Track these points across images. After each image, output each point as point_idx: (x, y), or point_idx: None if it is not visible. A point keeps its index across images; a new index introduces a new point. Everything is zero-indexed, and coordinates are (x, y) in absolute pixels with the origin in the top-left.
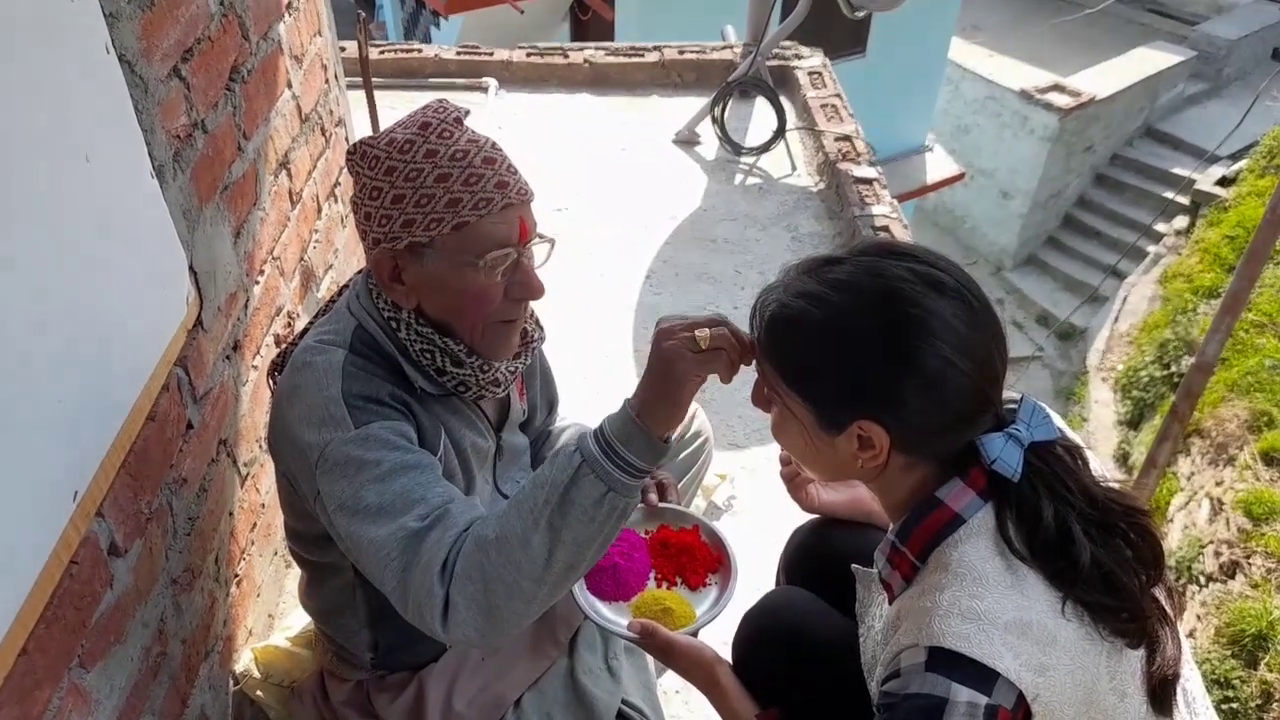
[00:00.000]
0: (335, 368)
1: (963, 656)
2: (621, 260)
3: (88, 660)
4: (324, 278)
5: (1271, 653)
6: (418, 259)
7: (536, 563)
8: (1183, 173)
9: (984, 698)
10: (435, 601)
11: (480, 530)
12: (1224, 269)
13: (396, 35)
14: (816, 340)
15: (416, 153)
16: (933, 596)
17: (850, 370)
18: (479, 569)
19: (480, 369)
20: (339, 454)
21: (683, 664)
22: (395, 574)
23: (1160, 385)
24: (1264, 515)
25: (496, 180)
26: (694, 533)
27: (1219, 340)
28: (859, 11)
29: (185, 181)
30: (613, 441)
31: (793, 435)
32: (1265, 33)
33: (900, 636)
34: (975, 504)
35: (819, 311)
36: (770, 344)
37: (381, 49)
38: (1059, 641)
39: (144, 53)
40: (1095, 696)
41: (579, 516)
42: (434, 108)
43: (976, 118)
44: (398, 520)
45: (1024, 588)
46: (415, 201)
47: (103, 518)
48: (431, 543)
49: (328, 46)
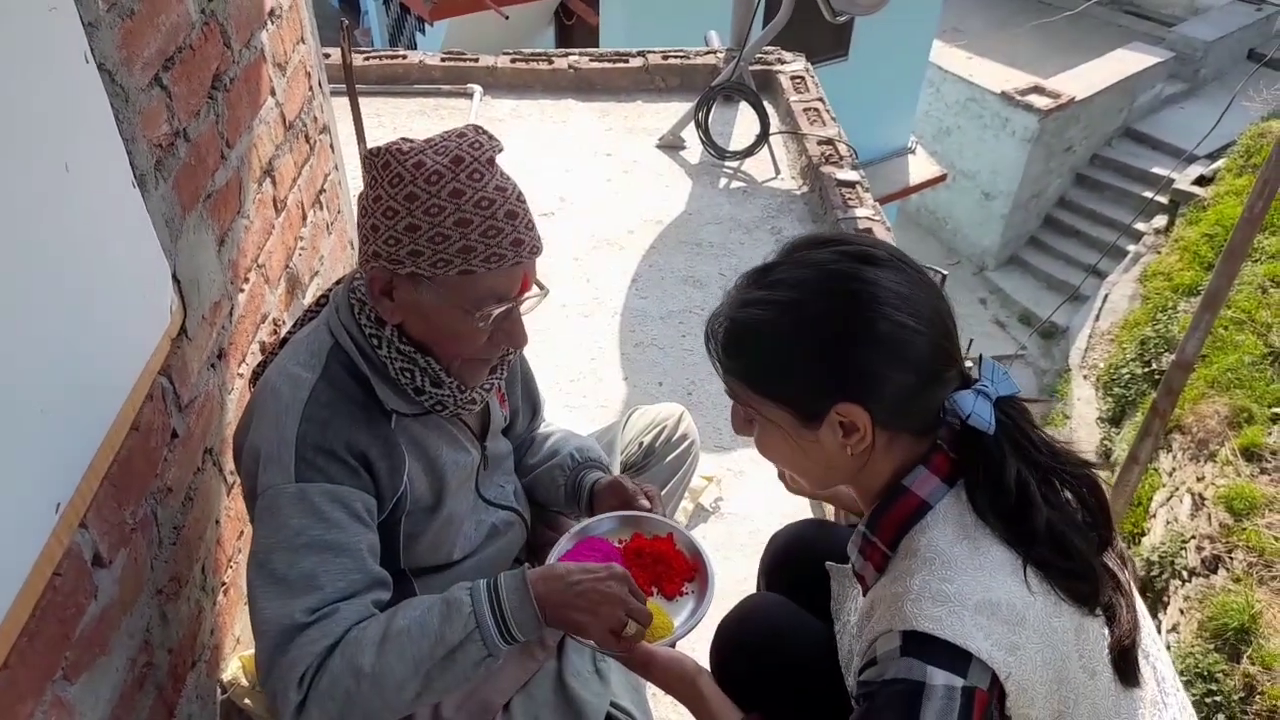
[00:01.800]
0: (298, 405)
1: (936, 639)
2: (607, 264)
3: (71, 673)
4: (310, 284)
5: (1253, 646)
6: (414, 286)
7: (403, 700)
8: (1162, 172)
9: (959, 679)
10: (289, 703)
11: (354, 655)
12: (1203, 267)
13: (381, 42)
14: (772, 340)
15: (443, 188)
16: (904, 582)
17: (813, 361)
18: (345, 694)
19: (458, 389)
20: (272, 502)
21: (664, 676)
22: (265, 652)
23: (1141, 382)
24: (1245, 510)
25: (514, 237)
26: (669, 541)
27: (1199, 337)
28: (841, 16)
29: (167, 190)
30: (509, 621)
31: (778, 444)
32: (1241, 33)
33: (874, 624)
34: (940, 490)
35: (767, 314)
36: (731, 360)
37: (366, 55)
38: (1028, 621)
39: (124, 61)
40: (1066, 674)
41: (456, 675)
42: (470, 141)
43: (958, 119)
44: (290, 604)
45: (991, 568)
46: (429, 237)
47: (86, 529)
48: (304, 642)
49: (311, 54)
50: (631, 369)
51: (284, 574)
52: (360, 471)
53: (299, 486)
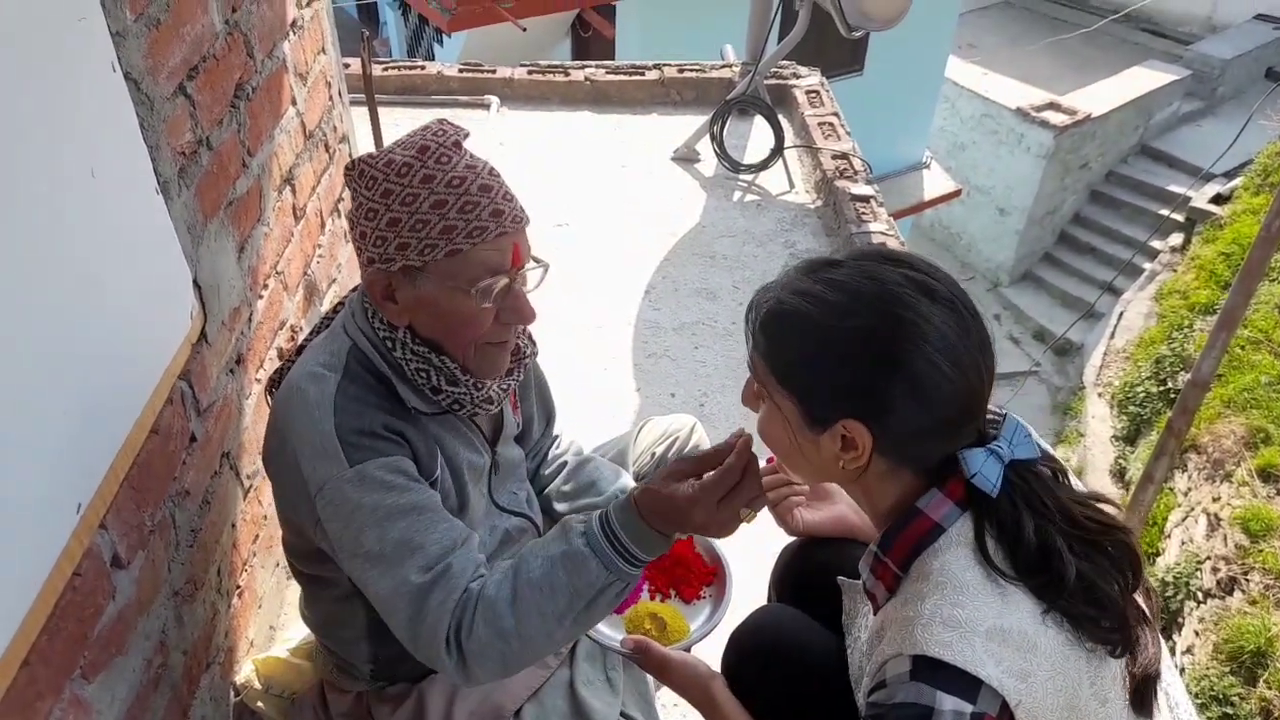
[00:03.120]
0: (328, 400)
1: (946, 664)
2: (621, 276)
3: (89, 672)
4: (327, 292)
5: (1270, 669)
6: (410, 281)
7: (555, 643)
8: (1178, 190)
9: (969, 706)
10: (447, 666)
11: (495, 620)
12: (1219, 286)
13: (400, 52)
14: (809, 337)
15: (414, 177)
16: (915, 606)
17: (840, 369)
18: (500, 655)
19: (474, 387)
20: (337, 494)
21: (678, 680)
22: (402, 626)
23: (1156, 401)
24: (1261, 532)
25: (492, 209)
26: (689, 544)
27: (1215, 357)
28: (856, 31)
29: (190, 197)
30: (633, 550)
31: (777, 432)
32: (1259, 52)
33: (884, 646)
34: (954, 513)
35: (814, 309)
36: (764, 339)
37: (385, 66)
38: (1039, 648)
39: (150, 70)
40: (1077, 702)
41: (601, 611)
42: (433, 130)
43: (973, 135)
44: (399, 572)
45: (1004, 595)
46: (410, 226)
47: (105, 530)
48: (435, 604)
49: (331, 64)
50: (644, 380)
51: (380, 550)
52: (404, 444)
53: (355, 469)
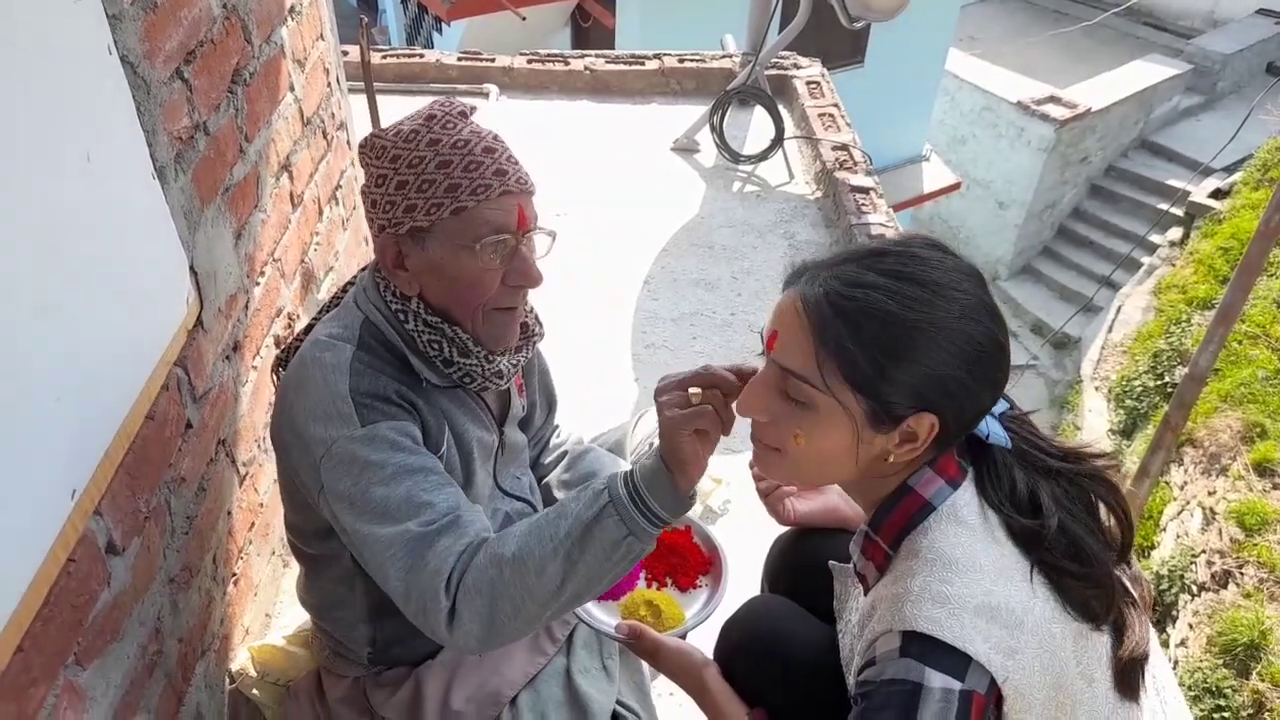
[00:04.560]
0: (344, 364)
1: (935, 640)
2: (620, 266)
3: (84, 658)
4: (324, 279)
5: (1263, 662)
6: (419, 244)
7: (547, 589)
8: (1177, 184)
9: (958, 683)
10: (440, 609)
11: (496, 547)
12: (1218, 280)
13: (399, 40)
14: (898, 334)
15: (420, 142)
16: (904, 583)
17: (931, 367)
18: (489, 584)
19: (485, 360)
20: (345, 452)
21: (670, 666)
22: (400, 573)
23: (1154, 395)
24: (1256, 526)
25: (495, 168)
26: (686, 534)
27: (1212, 351)
28: (857, 22)
29: (186, 183)
30: (640, 488)
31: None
32: (1260, 47)
33: (874, 624)
34: (944, 491)
35: (895, 305)
36: (835, 338)
37: (384, 53)
38: (1026, 625)
39: (147, 54)
40: (1063, 681)
41: (597, 554)
42: (440, 102)
43: (973, 128)
44: (403, 523)
45: (992, 571)
46: (417, 187)
47: (101, 516)
48: (440, 550)
49: (330, 50)
50: (642, 370)
51: (385, 505)
52: (414, 414)
53: (366, 429)
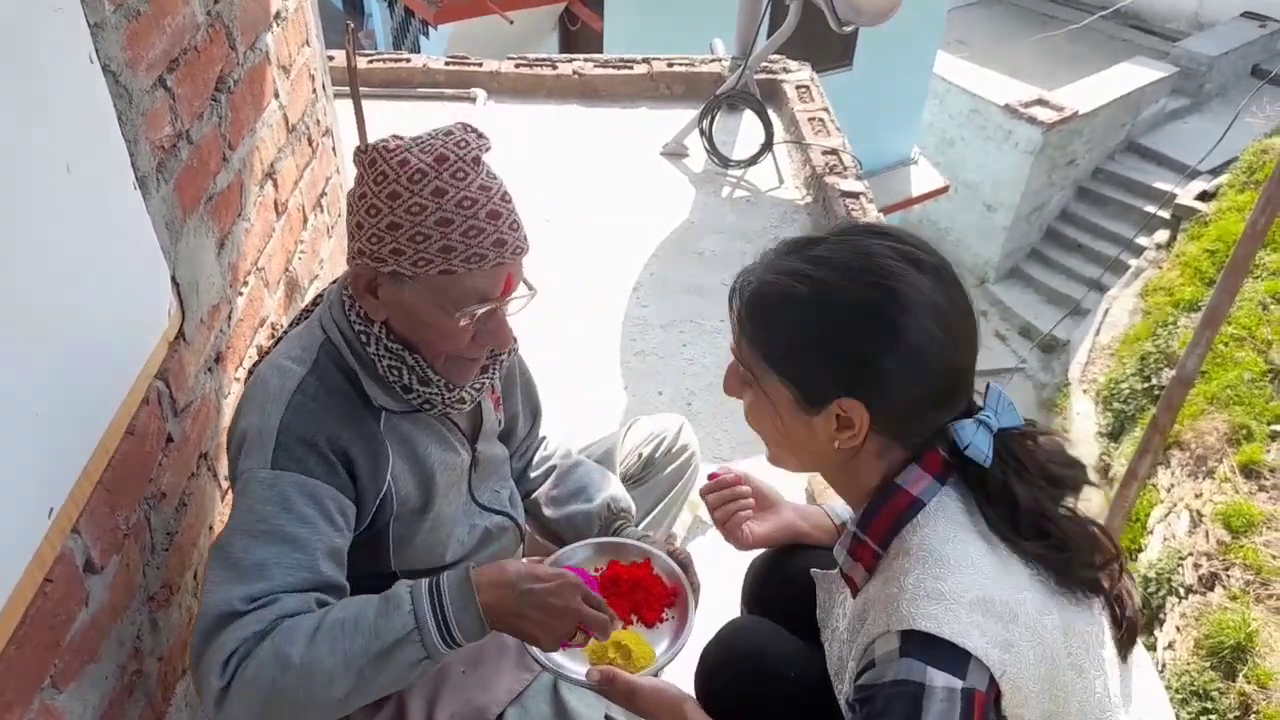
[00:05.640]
0: (284, 395)
1: (934, 638)
2: (609, 272)
3: (60, 680)
4: (309, 288)
5: (1249, 664)
6: (397, 284)
7: (332, 698)
8: (1164, 187)
9: (959, 681)
10: (211, 690)
11: (284, 645)
12: (1204, 283)
13: (385, 45)
14: (798, 316)
15: (425, 187)
16: (898, 582)
17: (833, 346)
18: (269, 684)
19: (445, 388)
20: (244, 485)
21: (649, 706)
22: (198, 634)
23: (1141, 398)
24: (1242, 528)
25: (496, 237)
26: (646, 566)
27: (1199, 354)
28: (846, 26)
29: (169, 192)
30: (449, 617)
31: (767, 418)
32: (1245, 49)
33: (869, 626)
34: (933, 488)
35: (804, 288)
36: (752, 323)
37: (370, 58)
38: (1020, 618)
39: (129, 63)
40: (1055, 672)
41: (391, 673)
42: (456, 139)
43: (961, 131)
44: (234, 589)
45: (983, 565)
46: (410, 236)
47: (79, 534)
48: (236, 628)
49: (315, 56)
50: (631, 378)
51: (238, 559)
52: (339, 469)
53: (272, 473)
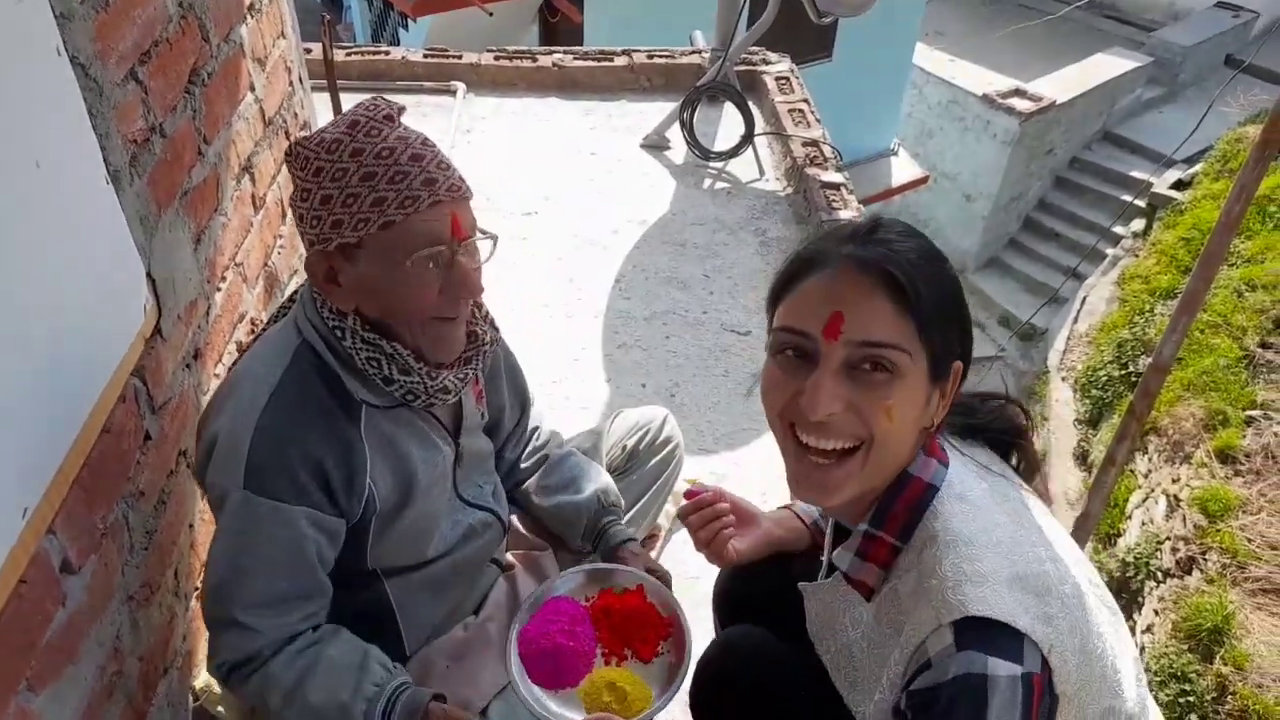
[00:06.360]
0: (255, 409)
1: (988, 621)
2: (590, 264)
3: (37, 683)
4: (289, 283)
5: (1226, 646)
6: (350, 261)
7: None
8: (1140, 176)
9: (1019, 668)
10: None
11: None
12: (1180, 271)
13: (364, 37)
14: (946, 286)
15: (343, 152)
16: (935, 572)
17: (965, 314)
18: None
19: (428, 376)
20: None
21: None
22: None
23: (1118, 385)
24: (1219, 512)
25: (424, 177)
26: (639, 594)
27: (1175, 341)
28: (825, 17)
29: (142, 187)
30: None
31: (913, 404)
32: (1219, 39)
33: (914, 627)
34: (941, 471)
35: (936, 260)
36: (913, 293)
37: (348, 51)
38: (1051, 590)
39: (99, 55)
40: (1086, 641)
41: None
42: (365, 105)
43: (940, 122)
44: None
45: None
46: (342, 201)
47: (54, 534)
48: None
49: (292, 48)
50: (615, 370)
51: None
52: (310, 487)
53: (244, 493)
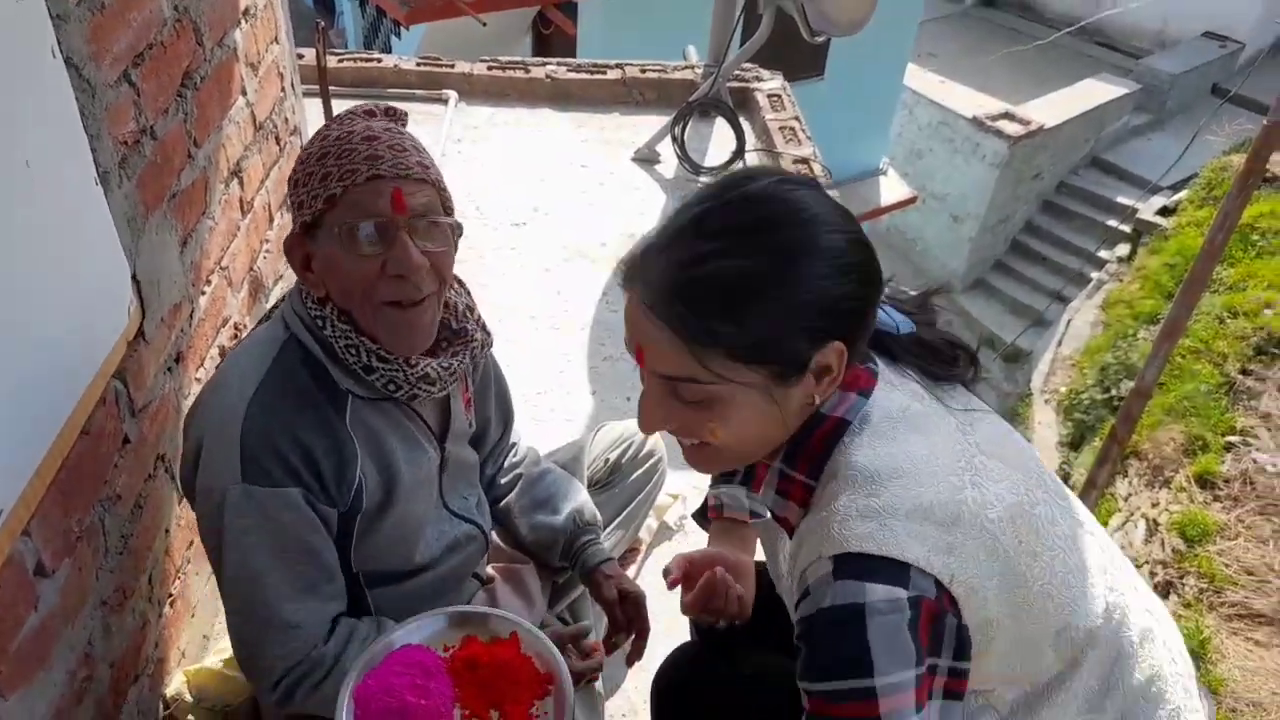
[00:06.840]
0: (243, 403)
1: (868, 556)
2: (578, 277)
3: (7, 688)
4: (273, 288)
5: (1202, 670)
6: (311, 240)
7: None
8: (1126, 202)
9: (902, 590)
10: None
11: None
12: (1163, 296)
13: (356, 44)
14: (767, 290)
15: (316, 139)
16: (828, 506)
17: (799, 303)
18: None
19: (405, 363)
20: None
21: None
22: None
23: (1101, 408)
24: (1197, 536)
25: (368, 154)
26: (512, 644)
27: (1157, 366)
28: (819, 36)
29: (131, 189)
30: None
31: (747, 419)
32: (1205, 68)
33: (802, 557)
34: (858, 404)
35: (751, 262)
36: (719, 326)
37: (340, 57)
38: (962, 519)
39: (93, 56)
40: (1011, 565)
41: None
42: (360, 107)
43: (930, 142)
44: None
45: (923, 470)
46: (302, 180)
47: (29, 537)
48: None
49: (285, 54)
50: (600, 383)
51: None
52: (302, 471)
53: (243, 487)
